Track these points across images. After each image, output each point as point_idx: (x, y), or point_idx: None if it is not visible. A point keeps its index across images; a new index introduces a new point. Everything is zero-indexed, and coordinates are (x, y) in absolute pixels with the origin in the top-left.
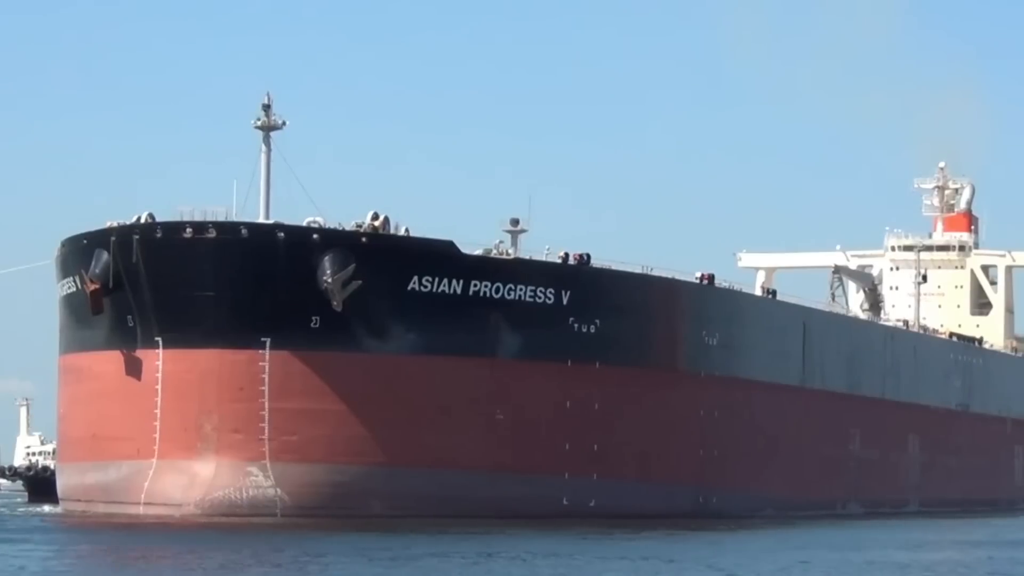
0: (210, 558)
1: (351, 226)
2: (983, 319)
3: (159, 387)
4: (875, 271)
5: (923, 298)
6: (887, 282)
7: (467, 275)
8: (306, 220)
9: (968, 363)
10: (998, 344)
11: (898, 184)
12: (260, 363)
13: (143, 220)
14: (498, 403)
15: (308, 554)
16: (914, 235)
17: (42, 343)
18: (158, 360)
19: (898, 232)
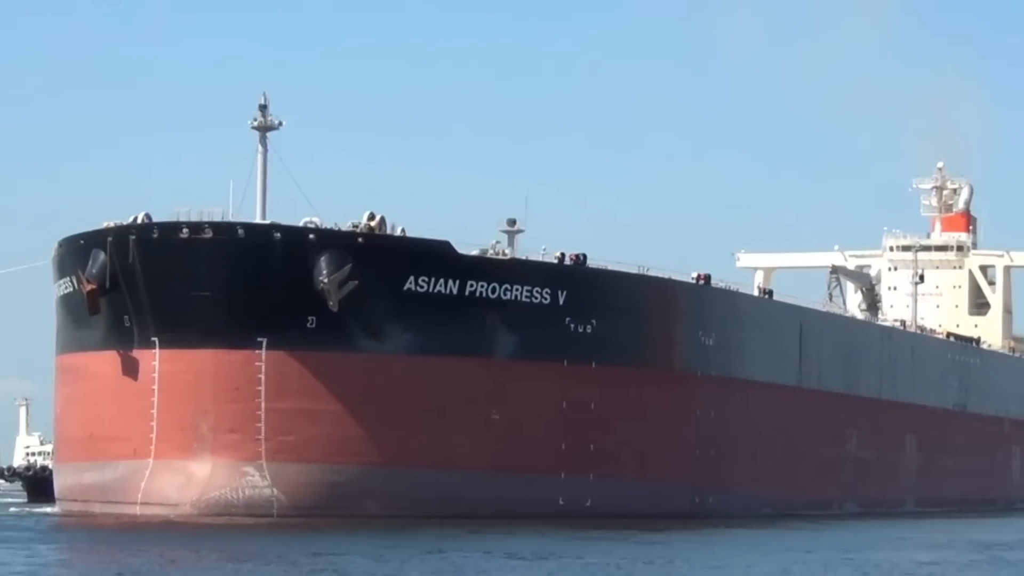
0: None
1: (347, 226)
2: (981, 319)
3: (155, 387)
4: (873, 271)
5: (921, 298)
6: (885, 282)
7: (463, 275)
8: (302, 220)
9: (965, 363)
10: (996, 344)
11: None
12: (256, 363)
13: (140, 220)
14: (494, 403)
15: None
16: (912, 235)
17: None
18: (154, 360)
19: (896, 232)
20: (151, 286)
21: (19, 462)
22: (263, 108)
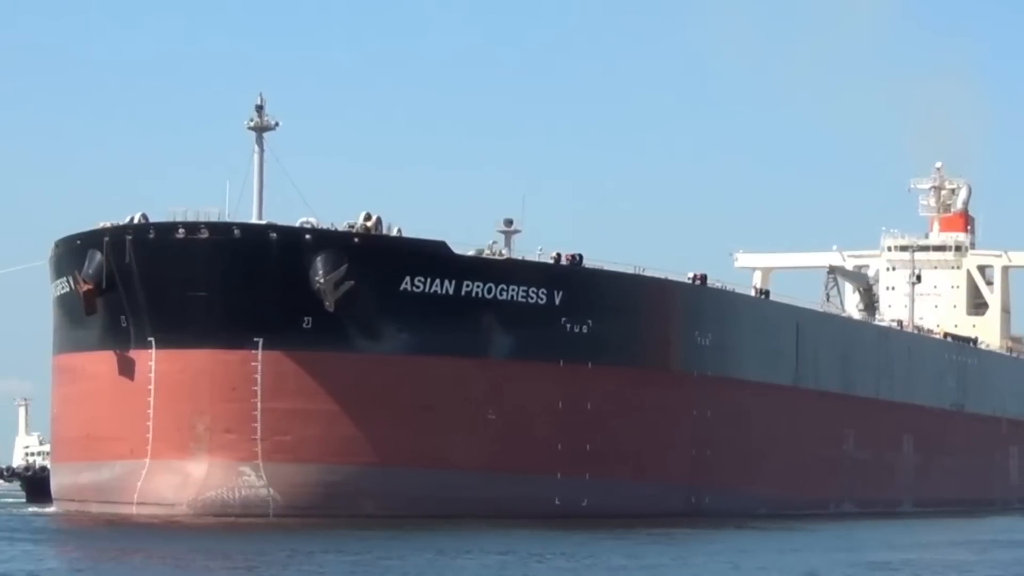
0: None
1: (343, 226)
2: (979, 319)
3: (152, 387)
4: (872, 271)
5: (920, 298)
6: (884, 282)
7: (459, 275)
8: (299, 220)
9: (963, 363)
10: (994, 344)
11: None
12: (252, 363)
13: (136, 221)
14: (490, 403)
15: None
16: (910, 235)
17: (41, 343)
18: (151, 360)
19: (894, 232)
20: (147, 286)
21: (18, 462)
22: (259, 108)
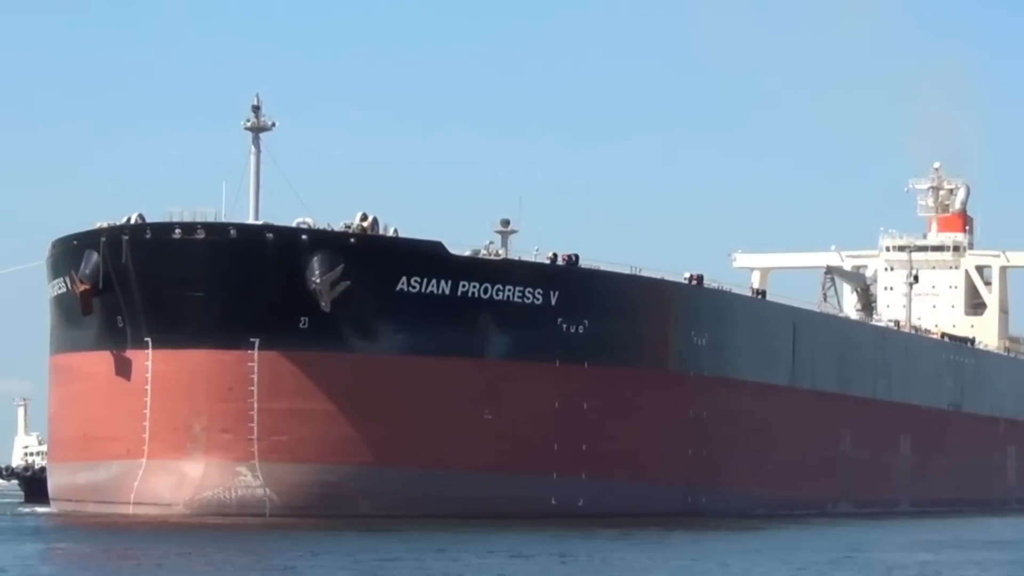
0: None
1: (340, 227)
2: (977, 319)
3: (148, 387)
4: (870, 272)
5: (918, 298)
6: (882, 282)
7: (455, 276)
8: (295, 221)
9: (960, 363)
10: (992, 344)
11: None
12: (249, 363)
13: (133, 221)
14: (487, 403)
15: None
16: (909, 235)
17: (40, 343)
18: (147, 360)
19: (892, 232)
20: (144, 286)
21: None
22: (256, 109)
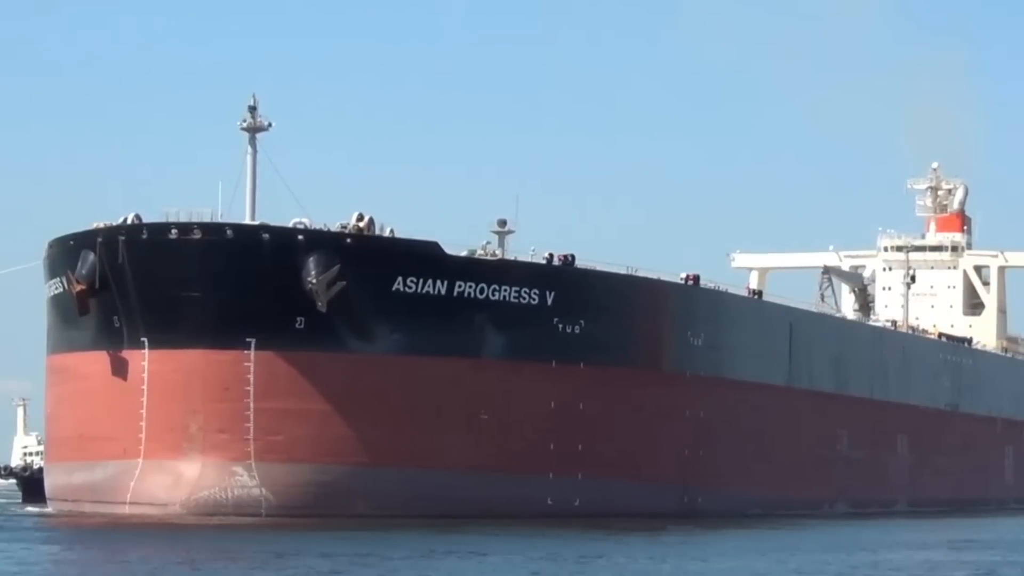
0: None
1: (336, 227)
2: (976, 319)
3: (145, 387)
4: (868, 272)
5: (916, 298)
6: (880, 283)
7: (451, 276)
8: (292, 221)
9: (958, 363)
10: (991, 344)
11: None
12: (245, 363)
13: (129, 221)
14: (483, 403)
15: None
16: (907, 235)
17: (39, 344)
18: (144, 360)
19: (891, 232)
20: (140, 287)
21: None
22: (252, 109)
